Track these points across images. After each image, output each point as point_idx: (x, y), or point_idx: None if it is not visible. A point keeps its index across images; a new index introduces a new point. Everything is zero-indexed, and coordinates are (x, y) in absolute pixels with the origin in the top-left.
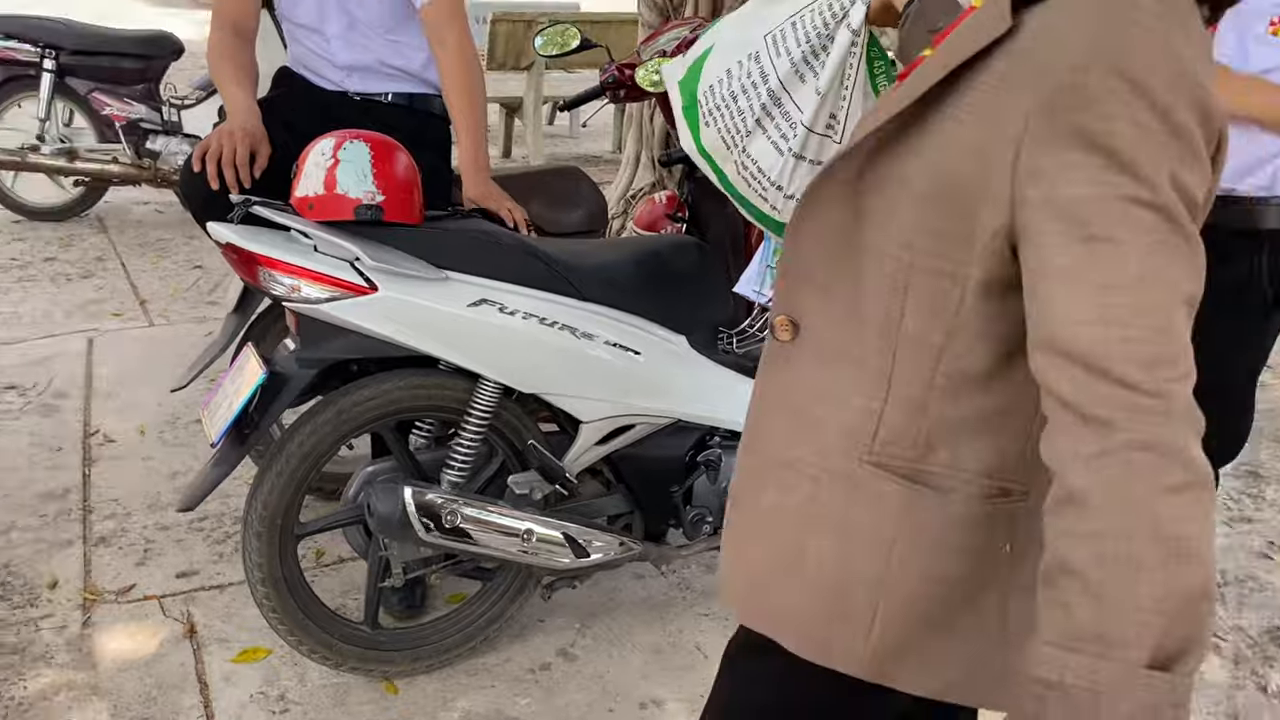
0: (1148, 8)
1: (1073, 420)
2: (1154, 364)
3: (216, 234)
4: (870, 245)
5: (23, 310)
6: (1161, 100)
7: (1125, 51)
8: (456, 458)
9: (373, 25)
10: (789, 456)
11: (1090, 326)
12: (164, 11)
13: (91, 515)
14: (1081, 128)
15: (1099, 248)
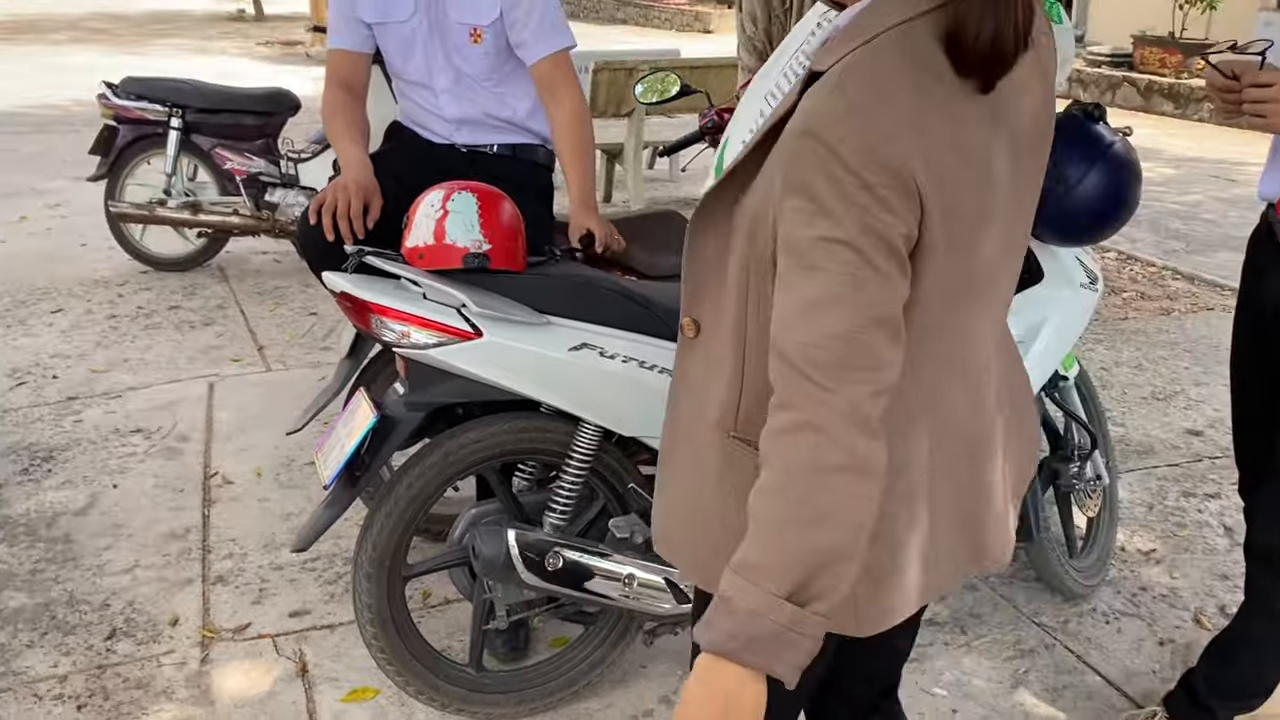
0: (855, 95)
1: (773, 404)
2: (833, 367)
3: (331, 283)
4: (729, 261)
5: (149, 356)
6: (851, 162)
7: (828, 125)
8: (558, 500)
9: (478, 79)
10: (690, 428)
11: (789, 333)
12: (280, 69)
13: (210, 555)
14: (797, 180)
15: (802, 274)
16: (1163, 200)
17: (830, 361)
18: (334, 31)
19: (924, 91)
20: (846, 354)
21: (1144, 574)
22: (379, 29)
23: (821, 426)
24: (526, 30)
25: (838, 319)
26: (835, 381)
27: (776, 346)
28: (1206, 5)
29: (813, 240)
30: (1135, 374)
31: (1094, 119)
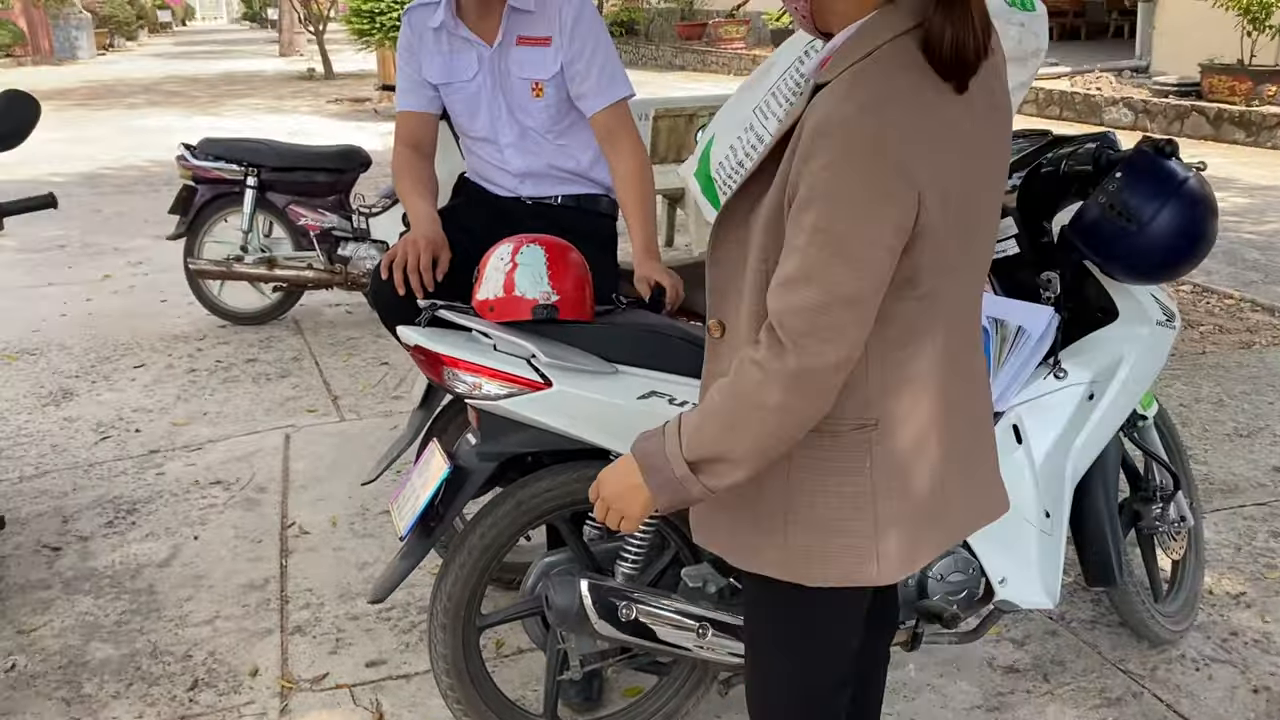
0: (864, 98)
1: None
2: (798, 334)
3: (405, 337)
4: (750, 260)
5: (227, 409)
6: (859, 158)
7: (841, 125)
8: (630, 549)
9: (541, 132)
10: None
11: (773, 299)
12: (350, 125)
13: (288, 605)
14: (808, 173)
15: (790, 253)
16: (1238, 230)
17: (797, 329)
18: (401, 94)
19: (919, 92)
20: (812, 326)
21: (1234, 618)
22: (445, 89)
23: (770, 373)
24: (586, 83)
25: (813, 295)
26: (795, 346)
27: (769, 304)
28: (1277, 31)
29: (808, 225)
30: (1216, 410)
31: (1166, 155)
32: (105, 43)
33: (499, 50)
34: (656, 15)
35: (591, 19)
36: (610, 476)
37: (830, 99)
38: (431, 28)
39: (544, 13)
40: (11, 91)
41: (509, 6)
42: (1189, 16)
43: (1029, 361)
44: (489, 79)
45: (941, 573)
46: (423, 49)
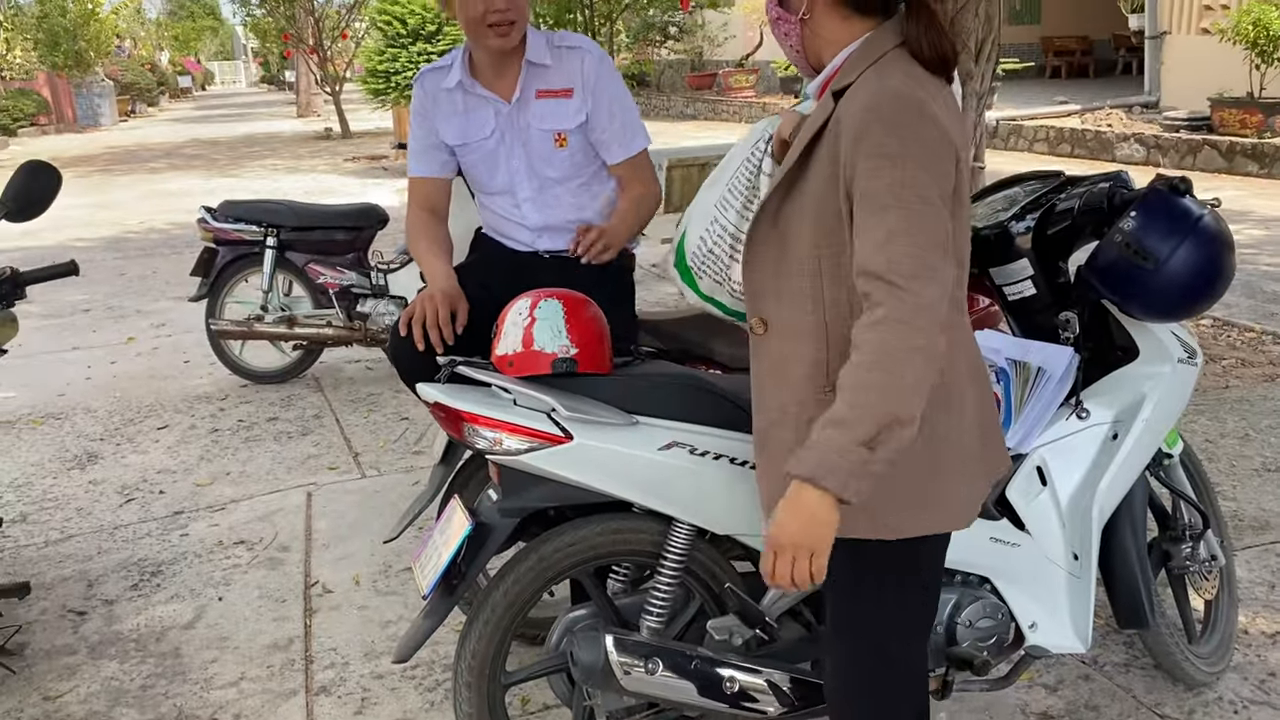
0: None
1: (864, 309)
2: (910, 276)
3: (425, 394)
4: (793, 254)
5: (249, 468)
6: (907, 124)
7: (884, 101)
8: (654, 602)
9: (562, 182)
10: (779, 405)
11: (876, 256)
12: (367, 183)
13: (313, 665)
14: (867, 146)
15: (879, 213)
16: (1256, 263)
17: (909, 271)
18: (414, 158)
19: (929, 79)
20: (918, 266)
21: (1271, 658)
22: (462, 149)
23: (906, 319)
24: (609, 132)
25: (911, 241)
26: (913, 285)
27: (865, 269)
28: None
29: (885, 187)
30: (1242, 445)
31: (1180, 193)
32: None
33: (517, 106)
34: (667, 67)
35: (610, 73)
36: (785, 520)
37: (866, 87)
38: (445, 88)
39: (561, 66)
40: (33, 162)
41: (526, 62)
42: (1196, 51)
43: (1051, 403)
44: (506, 134)
45: (970, 619)
46: (437, 112)
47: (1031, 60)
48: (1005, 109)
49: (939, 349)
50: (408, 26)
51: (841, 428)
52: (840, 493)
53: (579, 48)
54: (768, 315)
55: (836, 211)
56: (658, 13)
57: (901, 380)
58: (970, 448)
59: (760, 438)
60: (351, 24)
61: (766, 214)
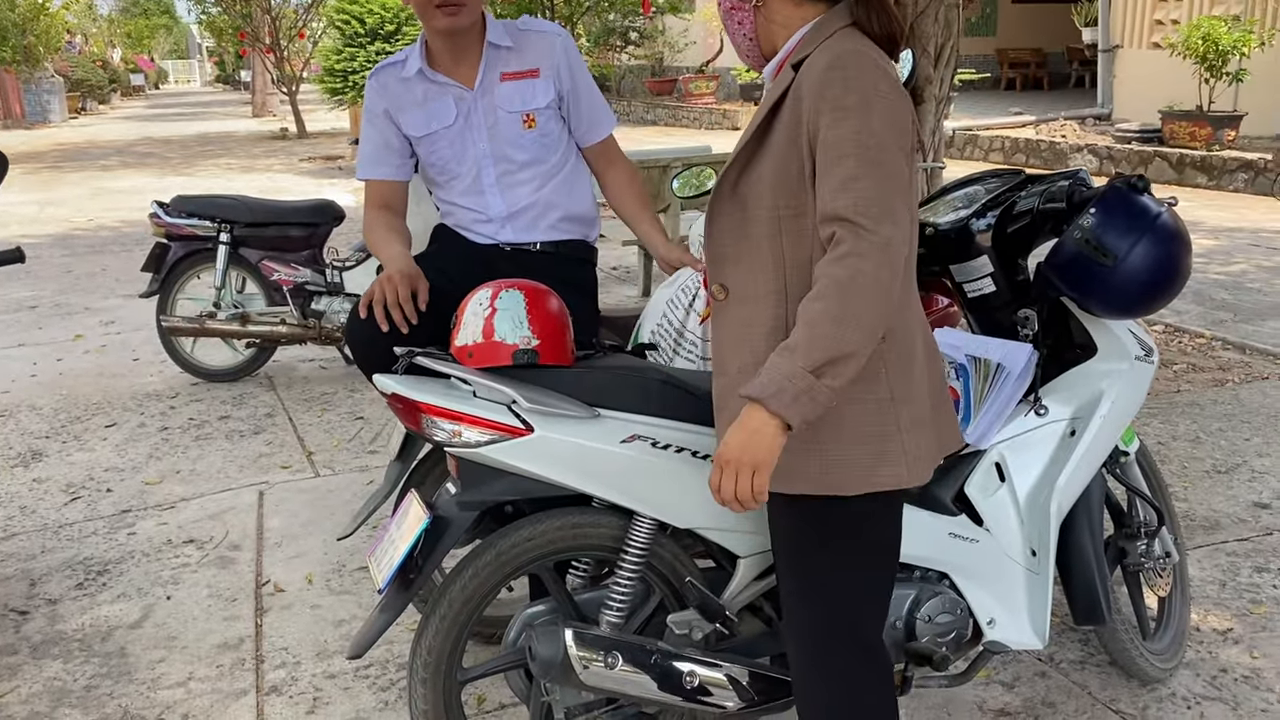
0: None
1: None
2: (873, 217)
3: (382, 385)
4: (754, 219)
5: (200, 467)
6: (867, 76)
7: (844, 58)
8: (614, 597)
9: (529, 166)
10: (741, 368)
11: (840, 199)
12: (323, 182)
13: (264, 665)
14: (830, 98)
15: (841, 160)
16: (1206, 271)
17: (872, 213)
18: (368, 163)
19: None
20: (882, 210)
21: (1223, 655)
22: (428, 140)
23: (865, 254)
24: (583, 115)
25: (873, 185)
26: (876, 225)
27: (828, 213)
28: (1233, 79)
29: (847, 135)
30: (1193, 447)
31: (1138, 191)
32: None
33: (480, 91)
34: (628, 72)
35: (578, 55)
36: (731, 439)
37: (825, 52)
38: (403, 79)
39: (524, 47)
40: None
41: (488, 44)
42: (1148, 65)
43: (1010, 399)
44: (471, 120)
45: (929, 614)
46: (396, 105)
47: (987, 71)
48: (961, 119)
49: (894, 291)
50: (366, 26)
51: (792, 354)
52: (783, 413)
53: (546, 31)
54: (727, 281)
55: (799, 172)
56: (618, 17)
57: (855, 312)
58: (921, 414)
59: (720, 400)
60: (309, 23)
61: (726, 183)
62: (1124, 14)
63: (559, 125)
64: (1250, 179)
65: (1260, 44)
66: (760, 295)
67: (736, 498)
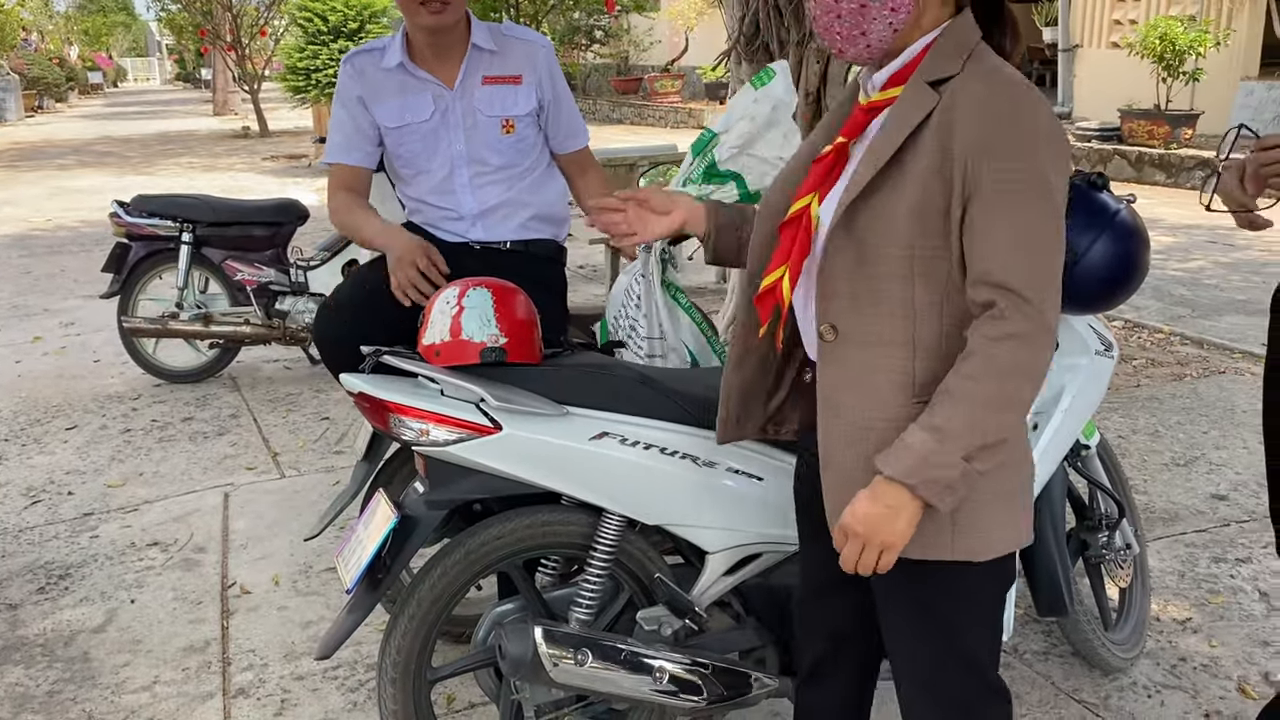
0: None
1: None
2: (1043, 290)
3: (349, 384)
4: (878, 257)
5: (164, 469)
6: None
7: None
8: (584, 594)
9: (504, 168)
10: (863, 420)
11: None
12: (287, 181)
13: (230, 667)
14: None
15: (1014, 218)
16: (1165, 268)
17: (1038, 283)
18: (337, 149)
19: None
20: (1047, 279)
21: (1182, 644)
22: (400, 132)
23: (1029, 336)
24: (562, 124)
25: (1040, 250)
26: (1042, 300)
27: (991, 278)
28: (1189, 78)
29: (1017, 189)
30: (1153, 441)
31: (1097, 188)
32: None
33: (460, 91)
34: (593, 70)
35: (559, 66)
36: (865, 511)
37: (980, 79)
38: (384, 68)
39: (507, 53)
40: None
41: (472, 46)
42: (1107, 64)
43: None
44: (448, 119)
45: None
46: (372, 93)
47: None
48: None
49: (1047, 371)
50: (329, 24)
51: (944, 438)
52: (935, 502)
53: (531, 40)
54: (839, 322)
55: (942, 210)
56: (583, 15)
57: (1016, 398)
58: (1031, 468)
59: (831, 453)
60: (270, 20)
61: (839, 213)
62: (1083, 14)
63: (536, 132)
64: (1207, 177)
65: (1216, 44)
66: (884, 342)
67: (857, 568)
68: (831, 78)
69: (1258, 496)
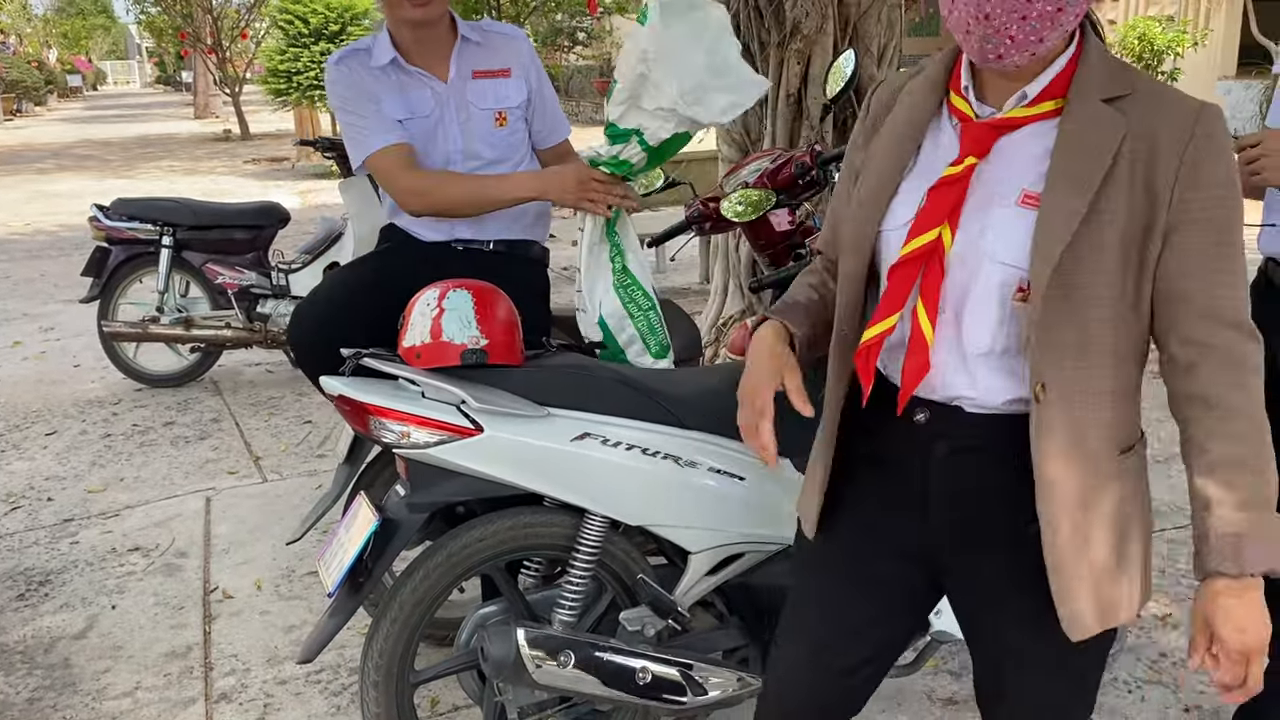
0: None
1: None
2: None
3: (329, 387)
4: (1089, 301)
5: (145, 474)
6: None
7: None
8: (567, 596)
9: (495, 165)
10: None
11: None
12: (268, 184)
13: (213, 672)
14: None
15: (1233, 250)
16: None
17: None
18: (370, 134)
19: None
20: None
21: (1163, 639)
22: (403, 126)
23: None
24: (546, 117)
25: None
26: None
27: (1225, 316)
28: (1168, 77)
29: (1229, 221)
30: None
31: None
32: (12, 108)
33: (454, 85)
34: (576, 72)
35: (538, 58)
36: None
37: (1165, 95)
38: (376, 67)
39: (491, 46)
40: None
41: (461, 39)
42: None
43: None
44: (445, 113)
45: None
46: (381, 89)
47: None
48: None
49: None
50: (310, 26)
51: (1268, 504)
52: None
53: (510, 34)
54: (1049, 378)
55: (1142, 247)
56: (566, 17)
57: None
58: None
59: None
60: (251, 23)
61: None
62: None
63: (524, 125)
64: None
65: (1194, 44)
66: (1091, 393)
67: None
68: (812, 78)
69: None
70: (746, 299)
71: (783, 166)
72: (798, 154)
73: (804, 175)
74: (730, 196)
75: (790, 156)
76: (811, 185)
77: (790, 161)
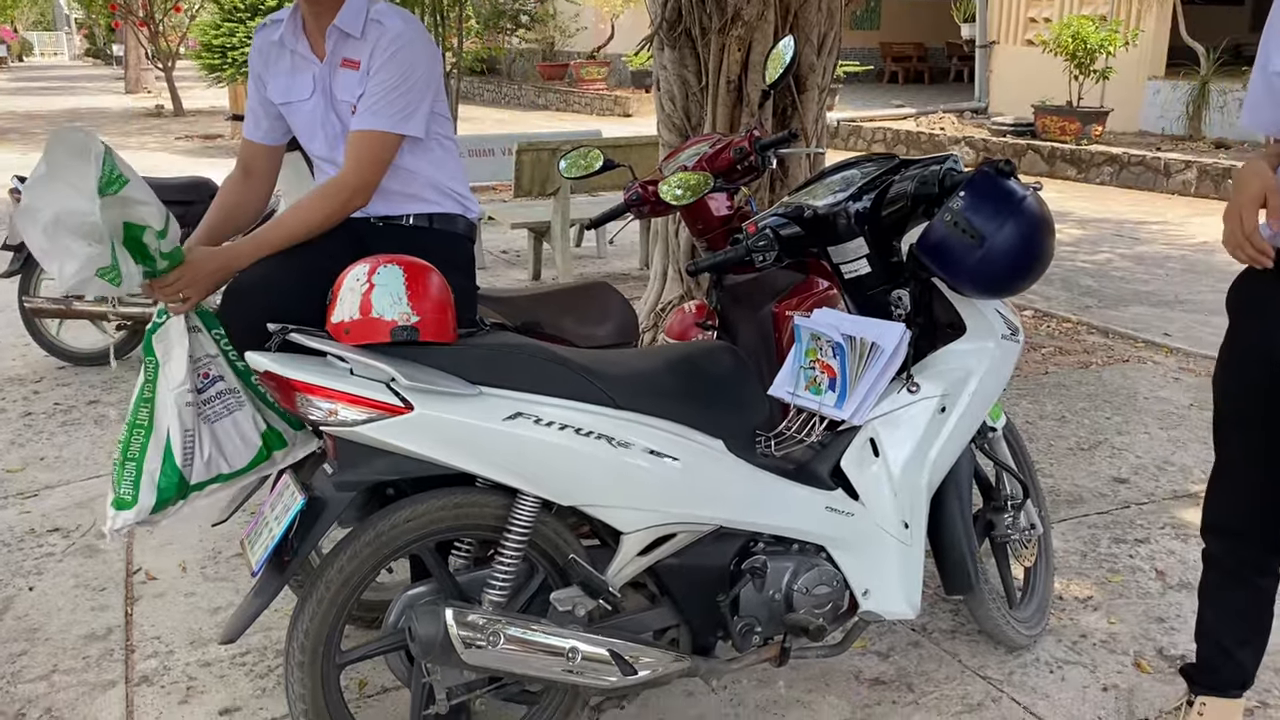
0: None
1: None
2: None
3: (254, 362)
4: None
5: (66, 454)
6: None
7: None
8: (497, 576)
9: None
10: None
11: None
12: (201, 161)
13: (134, 655)
14: None
15: None
16: (1074, 259)
17: None
18: (247, 123)
19: None
20: None
21: (1083, 621)
22: (286, 109)
23: None
24: (363, 101)
25: None
26: None
27: None
28: (1100, 76)
29: None
30: (1059, 426)
31: (1005, 175)
32: None
33: (327, 69)
34: (518, 55)
35: (406, 55)
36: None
37: None
38: (273, 42)
39: (366, 39)
40: None
41: (335, 28)
42: (1022, 61)
43: (883, 376)
44: (323, 99)
45: (806, 586)
46: (267, 69)
47: (871, 64)
48: (845, 110)
49: None
50: (245, 1)
51: None
52: None
53: (383, 23)
54: None
55: None
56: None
57: None
58: None
59: None
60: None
61: None
62: (1000, 11)
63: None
64: (1115, 172)
65: (1125, 43)
66: None
67: None
68: (752, 65)
69: (1156, 480)
70: (685, 284)
71: (721, 151)
72: (736, 139)
73: (743, 160)
74: (669, 180)
75: (729, 141)
76: (750, 170)
77: (729, 146)
